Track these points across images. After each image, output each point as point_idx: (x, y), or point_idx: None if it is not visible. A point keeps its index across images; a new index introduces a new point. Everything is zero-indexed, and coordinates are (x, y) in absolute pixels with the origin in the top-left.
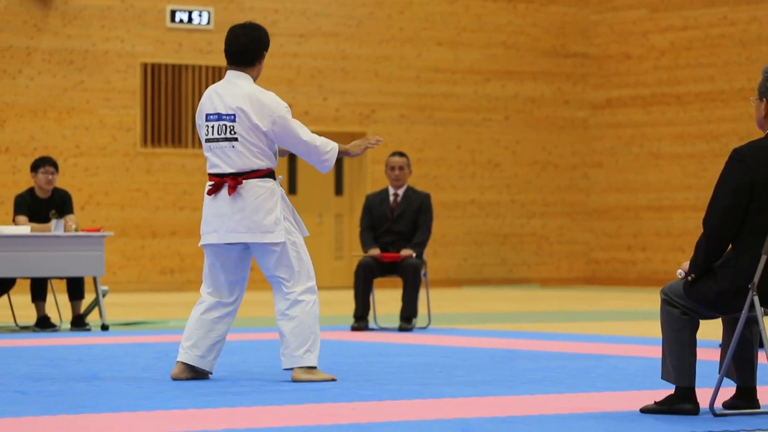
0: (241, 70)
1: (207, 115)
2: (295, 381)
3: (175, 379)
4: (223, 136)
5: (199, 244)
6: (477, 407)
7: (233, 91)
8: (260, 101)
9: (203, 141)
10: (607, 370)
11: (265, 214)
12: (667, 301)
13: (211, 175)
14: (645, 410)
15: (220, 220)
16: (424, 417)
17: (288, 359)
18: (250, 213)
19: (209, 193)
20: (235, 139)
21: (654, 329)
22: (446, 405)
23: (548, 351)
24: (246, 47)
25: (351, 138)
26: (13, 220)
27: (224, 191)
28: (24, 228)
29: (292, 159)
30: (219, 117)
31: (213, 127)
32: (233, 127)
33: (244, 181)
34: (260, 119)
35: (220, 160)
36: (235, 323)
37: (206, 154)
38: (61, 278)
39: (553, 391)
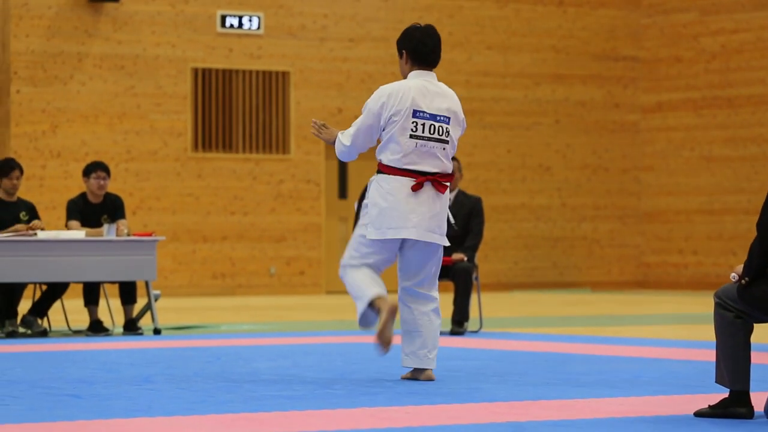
0: (430, 70)
1: (416, 111)
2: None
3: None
4: (435, 136)
5: (388, 237)
6: (530, 410)
7: (442, 93)
8: (458, 111)
9: (401, 135)
10: (660, 374)
11: (446, 218)
12: (720, 305)
13: (410, 172)
14: (699, 414)
15: (419, 218)
16: (477, 420)
17: (427, 360)
18: (443, 216)
19: (414, 189)
20: (447, 142)
21: (707, 333)
22: (499, 408)
23: (600, 354)
24: (439, 48)
25: None
26: (66, 225)
27: (428, 189)
28: (79, 233)
29: (343, 164)
30: (433, 117)
31: (423, 125)
32: (448, 129)
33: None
34: (456, 127)
35: (423, 159)
36: (284, 327)
37: (405, 148)
38: (113, 283)
39: (606, 395)
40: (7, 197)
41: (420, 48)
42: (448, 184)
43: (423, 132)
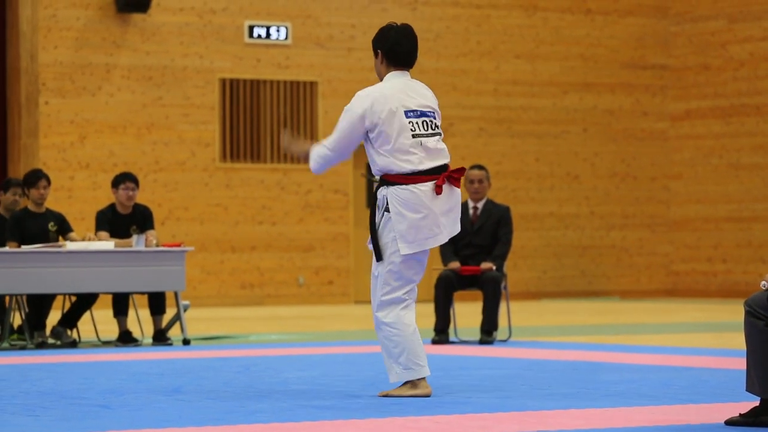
0: (407, 71)
1: (407, 111)
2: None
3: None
4: (430, 131)
5: (427, 248)
6: (559, 420)
7: (421, 91)
8: (437, 106)
9: (404, 138)
10: (690, 382)
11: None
12: (750, 313)
13: (426, 173)
14: (730, 423)
15: (446, 217)
16: (507, 430)
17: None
18: (459, 207)
19: (437, 192)
20: (439, 134)
21: (736, 341)
22: (528, 418)
23: (630, 363)
24: (416, 49)
25: None
26: (95, 236)
27: (446, 188)
28: (108, 243)
29: (371, 173)
30: (423, 113)
31: (418, 122)
32: (436, 123)
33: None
34: (438, 120)
35: (431, 155)
36: (313, 337)
37: (413, 149)
38: (142, 293)
39: (636, 404)
40: (35, 208)
41: (395, 48)
42: (460, 179)
43: (420, 129)
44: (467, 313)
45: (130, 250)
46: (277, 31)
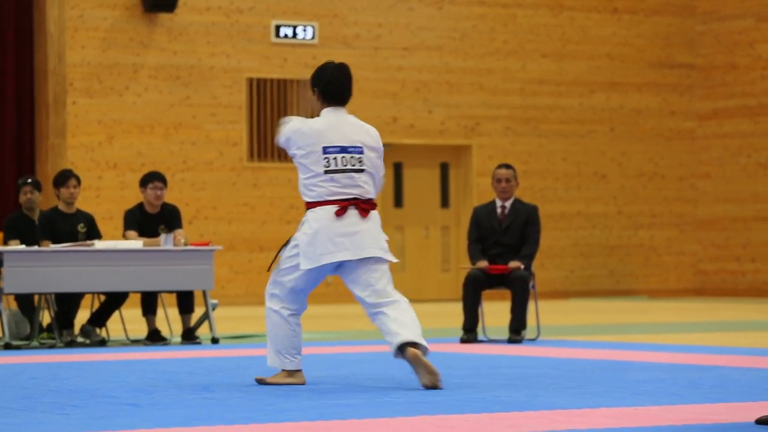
0: (342, 107)
1: (325, 147)
2: None
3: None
4: (349, 167)
5: (323, 263)
6: (589, 419)
7: (353, 128)
8: (370, 141)
9: (316, 171)
10: (720, 381)
11: (383, 236)
12: None
13: (333, 201)
14: (760, 421)
15: (349, 239)
16: (536, 428)
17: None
18: (376, 232)
19: (338, 214)
20: (362, 171)
21: (766, 340)
22: (557, 416)
23: (659, 362)
24: (349, 87)
25: (456, 151)
26: (123, 235)
27: (352, 213)
28: (137, 242)
29: (399, 172)
30: (344, 149)
31: (336, 159)
32: (360, 158)
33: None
34: (371, 153)
35: (343, 189)
36: (341, 336)
37: (323, 183)
38: (171, 292)
39: (665, 403)
40: (66, 208)
41: (330, 87)
42: (369, 210)
43: (336, 165)
44: (495, 312)
45: (158, 249)
46: (304, 30)
